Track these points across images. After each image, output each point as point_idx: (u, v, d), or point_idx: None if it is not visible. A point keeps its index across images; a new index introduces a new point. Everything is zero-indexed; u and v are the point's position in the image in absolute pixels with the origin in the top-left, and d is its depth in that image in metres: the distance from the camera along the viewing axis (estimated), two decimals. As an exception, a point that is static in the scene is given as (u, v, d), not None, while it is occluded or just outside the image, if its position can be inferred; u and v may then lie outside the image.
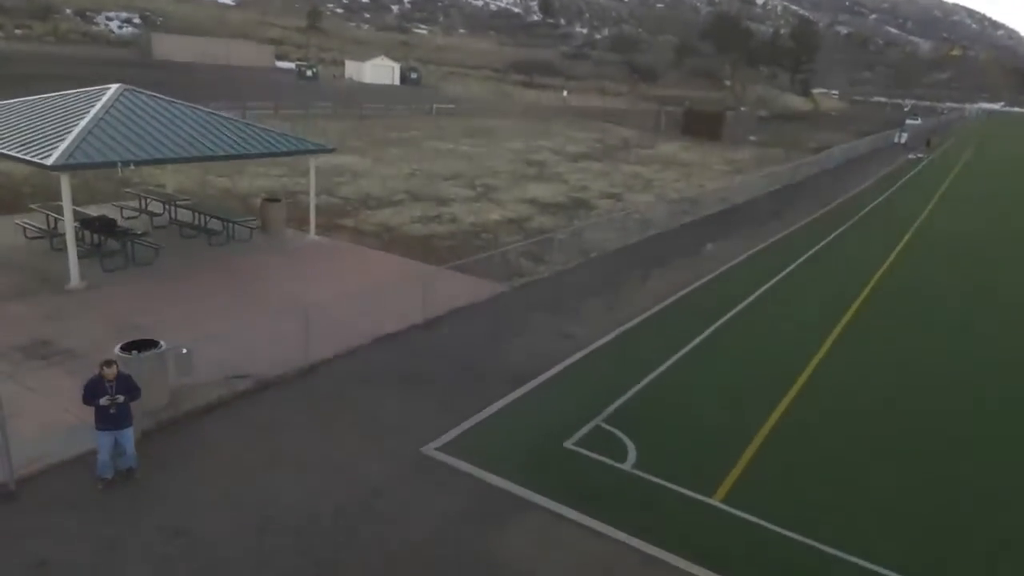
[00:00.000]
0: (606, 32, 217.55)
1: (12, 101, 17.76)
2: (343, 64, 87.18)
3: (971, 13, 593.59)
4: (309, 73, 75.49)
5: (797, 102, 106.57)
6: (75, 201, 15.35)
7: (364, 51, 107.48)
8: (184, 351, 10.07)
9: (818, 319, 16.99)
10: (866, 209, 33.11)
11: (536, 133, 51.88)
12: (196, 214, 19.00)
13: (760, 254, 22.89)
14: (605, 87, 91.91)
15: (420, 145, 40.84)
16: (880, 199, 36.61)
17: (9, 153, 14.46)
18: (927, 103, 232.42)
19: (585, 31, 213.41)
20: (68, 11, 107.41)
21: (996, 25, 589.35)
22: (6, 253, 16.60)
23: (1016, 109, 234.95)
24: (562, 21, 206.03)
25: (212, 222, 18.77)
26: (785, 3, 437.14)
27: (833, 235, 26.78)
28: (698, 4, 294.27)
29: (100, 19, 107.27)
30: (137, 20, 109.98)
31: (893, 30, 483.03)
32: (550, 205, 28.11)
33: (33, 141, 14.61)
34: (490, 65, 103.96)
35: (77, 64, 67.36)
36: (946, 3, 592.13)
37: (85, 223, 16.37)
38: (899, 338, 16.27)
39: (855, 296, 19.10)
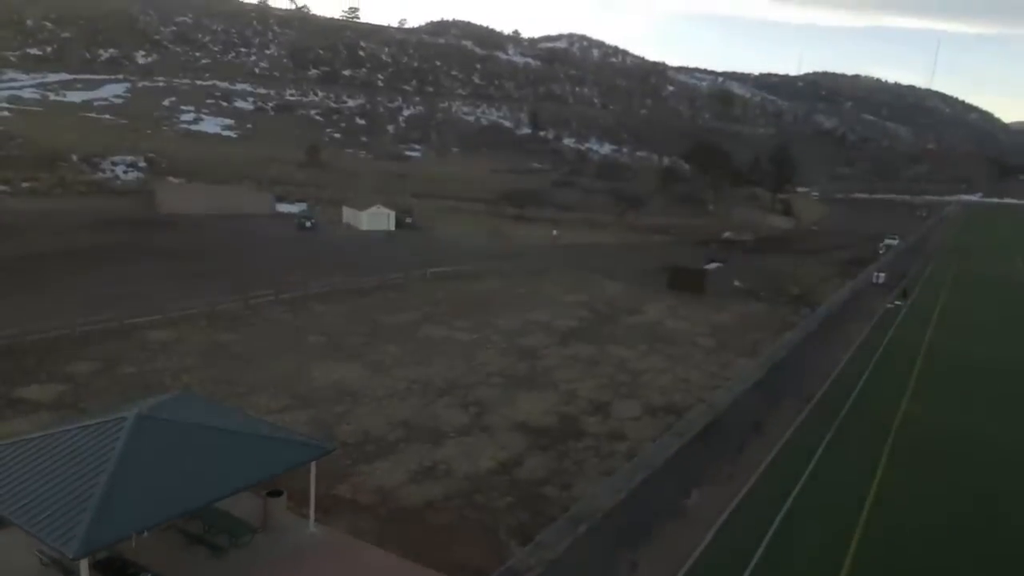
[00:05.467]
0: (594, 141, 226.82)
1: (26, 441, 18.80)
2: (341, 208, 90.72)
3: (944, 98, 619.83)
4: (308, 224, 78.62)
5: (779, 221, 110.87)
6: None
7: (361, 186, 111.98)
8: None
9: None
10: (848, 405, 34.29)
11: (527, 299, 53.75)
12: (200, 522, 19.94)
13: (743, 508, 23.78)
14: (593, 219, 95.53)
15: (415, 336, 42.38)
16: (861, 384, 37.92)
17: (30, 530, 15.57)
18: (906, 196, 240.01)
19: (574, 141, 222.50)
20: (74, 157, 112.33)
21: (969, 108, 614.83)
22: (21, 590, 17.52)
23: (994, 200, 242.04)
24: (551, 135, 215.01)
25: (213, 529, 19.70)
26: (763, 95, 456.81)
27: (815, 459, 27.79)
28: (680, 108, 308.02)
29: (106, 165, 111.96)
30: (142, 164, 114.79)
31: (869, 117, 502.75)
32: (540, 432, 29.20)
33: (51, 515, 15.71)
34: (482, 196, 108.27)
35: (87, 229, 70.16)
36: (919, 89, 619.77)
37: (99, 565, 17.29)
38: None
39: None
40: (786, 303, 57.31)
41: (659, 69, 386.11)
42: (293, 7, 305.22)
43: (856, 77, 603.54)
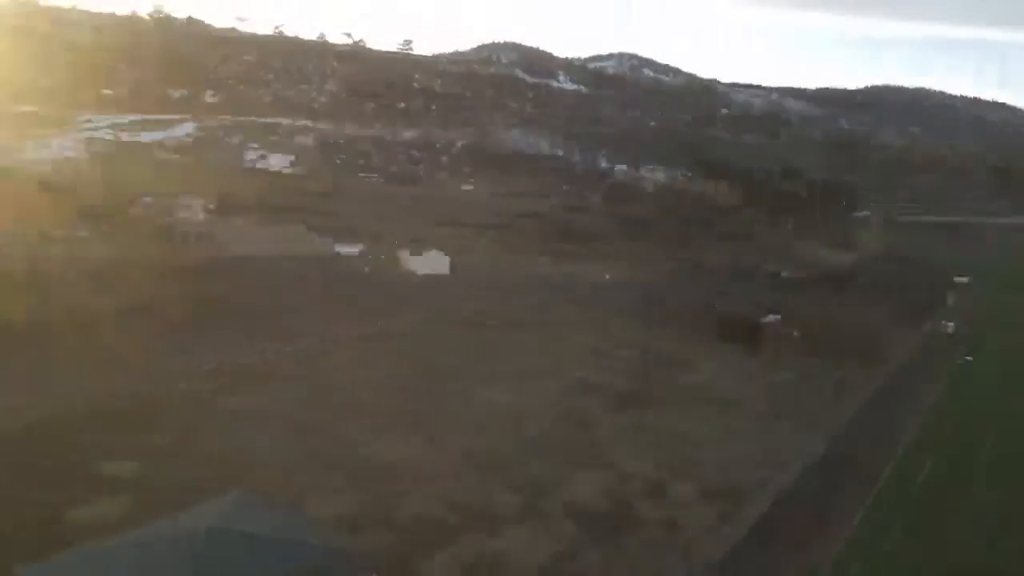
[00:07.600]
0: (646, 170, 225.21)
1: (109, 552, 19.98)
2: (398, 251, 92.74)
3: (1015, 111, 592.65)
4: (366, 269, 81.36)
5: (839, 256, 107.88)
6: None
7: (419, 225, 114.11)
8: None
9: None
10: (917, 492, 33.43)
11: (577, 353, 53.05)
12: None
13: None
14: (640, 254, 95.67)
15: (471, 400, 42.81)
16: (929, 465, 36.86)
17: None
18: (973, 218, 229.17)
19: (625, 168, 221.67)
20: (146, 200, 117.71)
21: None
22: None
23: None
24: (603, 162, 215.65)
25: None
26: (820, 110, 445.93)
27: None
28: (730, 135, 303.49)
29: (176, 207, 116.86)
30: (211, 206, 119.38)
31: (933, 137, 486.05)
32: (594, 520, 29.25)
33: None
34: (535, 229, 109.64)
35: (161, 280, 72.96)
36: (983, 101, 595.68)
37: None
38: None
39: None
40: (848, 359, 55.62)
41: (711, 87, 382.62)
42: (351, 43, 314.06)
43: (920, 90, 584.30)
